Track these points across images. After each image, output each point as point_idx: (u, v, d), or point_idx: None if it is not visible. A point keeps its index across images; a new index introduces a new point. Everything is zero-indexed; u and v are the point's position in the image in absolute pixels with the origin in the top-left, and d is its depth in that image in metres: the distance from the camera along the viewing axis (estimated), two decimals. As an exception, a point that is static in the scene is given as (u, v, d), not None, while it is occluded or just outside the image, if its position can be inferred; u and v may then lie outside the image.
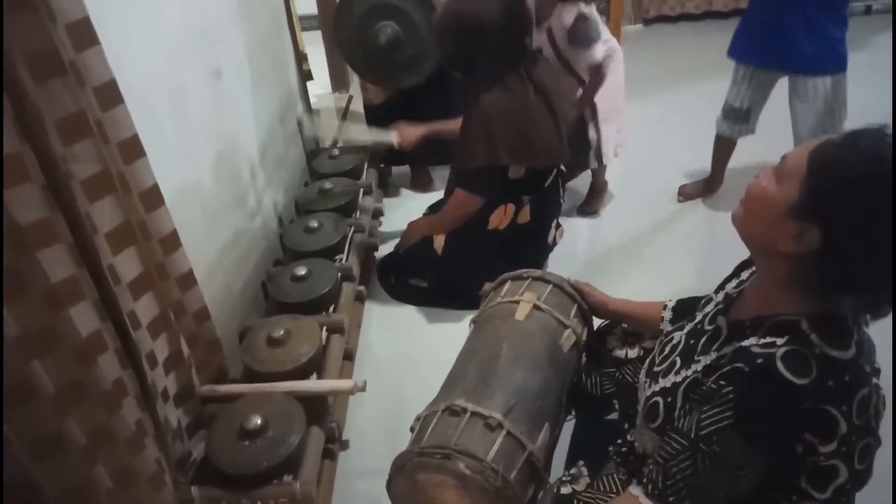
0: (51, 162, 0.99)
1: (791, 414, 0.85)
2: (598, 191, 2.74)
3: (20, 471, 0.90)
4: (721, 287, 1.20)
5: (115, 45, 1.16)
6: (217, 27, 1.94)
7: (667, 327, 1.34)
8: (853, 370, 0.88)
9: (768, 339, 0.89)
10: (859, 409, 0.87)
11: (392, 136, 2.40)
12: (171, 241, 1.35)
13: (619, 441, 1.26)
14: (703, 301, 1.21)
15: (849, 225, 0.83)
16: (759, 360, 0.87)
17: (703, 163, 2.74)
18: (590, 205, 2.74)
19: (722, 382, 0.90)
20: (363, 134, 2.52)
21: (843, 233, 0.84)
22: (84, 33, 1.07)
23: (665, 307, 1.40)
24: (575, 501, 1.17)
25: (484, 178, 2.03)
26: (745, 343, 0.92)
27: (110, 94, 1.15)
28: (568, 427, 1.46)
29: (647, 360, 1.21)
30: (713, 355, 1.00)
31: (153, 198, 1.28)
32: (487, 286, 1.63)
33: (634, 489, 1.00)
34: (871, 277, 0.85)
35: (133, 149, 1.22)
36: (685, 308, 1.33)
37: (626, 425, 1.32)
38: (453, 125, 2.22)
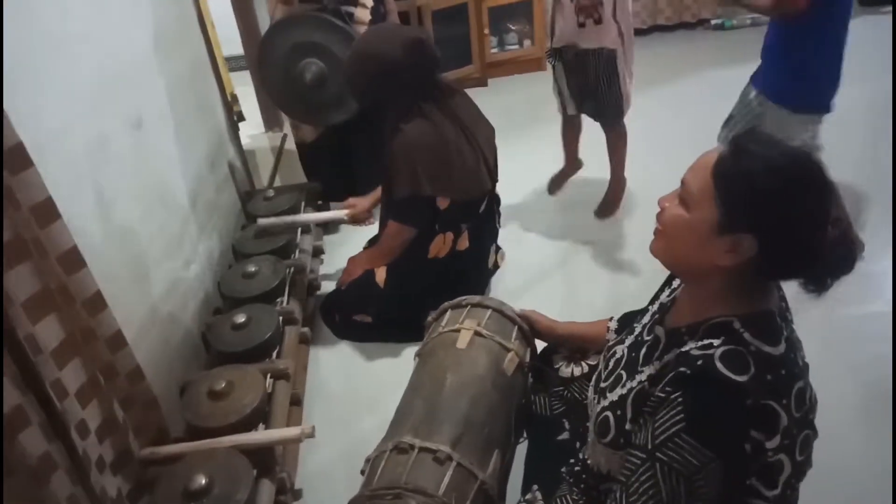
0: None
1: (736, 411, 0.87)
2: (618, 190, 2.73)
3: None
4: (655, 297, 1.23)
5: (26, 103, 1.13)
6: (135, 74, 1.89)
7: (612, 339, 1.37)
8: (787, 364, 0.91)
9: (705, 342, 0.92)
10: (797, 401, 0.91)
11: (342, 213, 2.43)
12: (96, 303, 1.30)
13: (572, 461, 1.27)
14: (640, 313, 1.24)
15: (779, 221, 0.88)
16: (699, 362, 0.90)
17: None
18: (609, 206, 2.72)
19: (668, 389, 0.92)
20: (312, 217, 2.54)
21: (776, 230, 0.88)
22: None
23: (610, 322, 1.43)
24: (531, 527, 1.17)
25: (412, 208, 2.05)
26: (685, 348, 0.95)
27: (19, 158, 1.11)
28: (522, 450, 1.46)
29: (594, 377, 1.23)
30: (656, 364, 1.02)
31: (73, 260, 1.24)
32: (430, 317, 1.63)
33: None
34: (811, 258, 0.90)
35: (47, 212, 1.18)
36: (628, 321, 1.36)
37: (578, 444, 1.32)
38: None
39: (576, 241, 2.68)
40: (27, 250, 1.11)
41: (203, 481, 1.34)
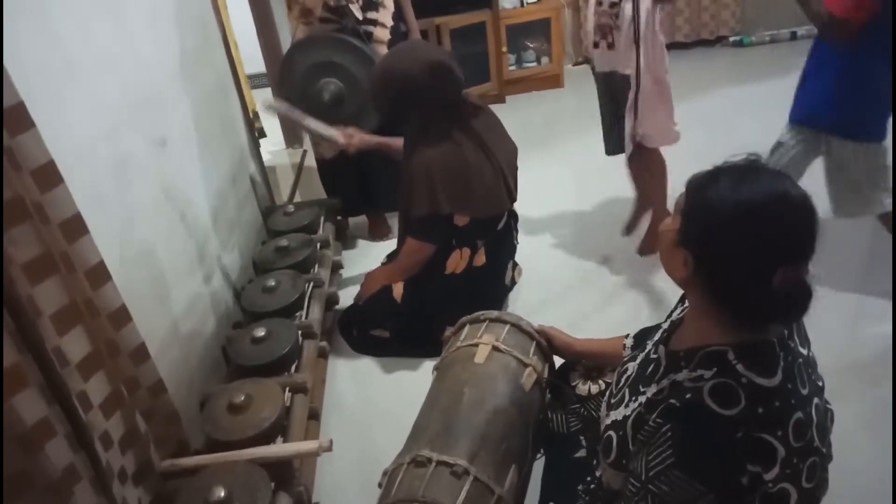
0: (-13, 249, 0.98)
1: (726, 445, 0.86)
2: (656, 225, 2.53)
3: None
4: (670, 314, 1.23)
5: (53, 123, 1.16)
6: (159, 94, 1.95)
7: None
8: (783, 395, 0.90)
9: (697, 373, 0.93)
10: (795, 432, 0.89)
11: (337, 137, 2.30)
12: (121, 316, 1.33)
13: (588, 479, 1.27)
14: (655, 329, 1.24)
15: (709, 250, 0.90)
16: (689, 395, 0.90)
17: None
18: (648, 242, 2.59)
19: (659, 420, 0.92)
20: (312, 123, 2.36)
21: (706, 257, 0.90)
22: (19, 118, 1.08)
23: (626, 339, 1.42)
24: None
25: (430, 226, 2.06)
26: (678, 377, 0.95)
27: (49, 176, 1.14)
28: (539, 467, 1.46)
29: (607, 394, 1.23)
30: (653, 388, 1.02)
31: (99, 274, 1.27)
32: (448, 332, 1.64)
33: None
34: (739, 297, 0.90)
35: (75, 227, 1.21)
36: (643, 338, 1.36)
37: (595, 461, 1.32)
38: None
39: (593, 258, 2.68)
40: (56, 265, 1.14)
41: (222, 494, 1.35)
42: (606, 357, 1.49)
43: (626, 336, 1.43)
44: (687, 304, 1.15)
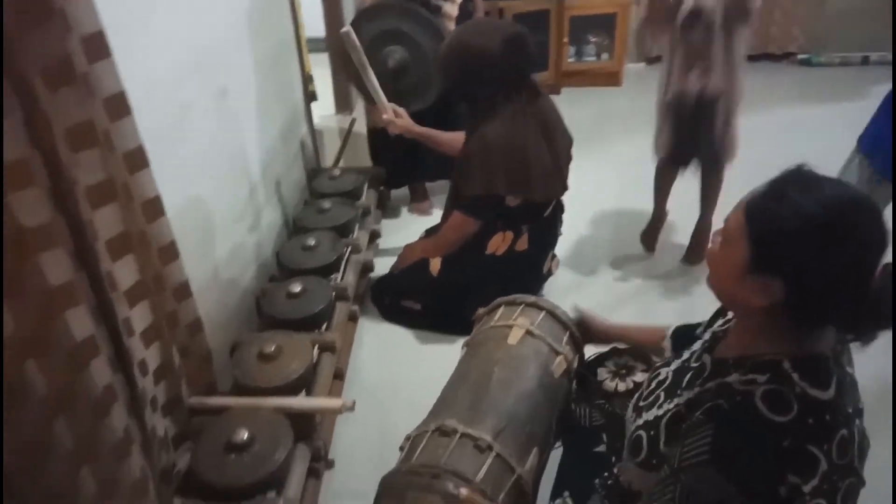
0: (57, 168, 1.01)
1: (770, 452, 0.85)
2: (706, 233, 2.53)
3: (3, 474, 0.90)
4: (708, 325, 1.21)
5: (125, 58, 1.18)
6: (225, 46, 1.97)
7: (668, 347, 1.37)
8: (833, 410, 0.88)
9: (750, 377, 0.91)
10: (839, 449, 0.87)
11: (387, 109, 2.28)
12: (170, 252, 1.37)
13: (606, 474, 1.27)
14: (697, 331, 1.23)
15: (806, 270, 0.85)
16: (738, 398, 0.89)
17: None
18: (698, 251, 2.55)
19: (701, 417, 0.91)
20: (370, 73, 2.28)
21: (803, 279, 0.85)
22: (97, 46, 1.10)
23: (664, 337, 1.41)
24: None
25: (481, 204, 2.06)
26: (728, 379, 0.94)
27: (119, 106, 1.17)
28: (555, 456, 1.46)
29: (636, 396, 1.22)
30: (696, 390, 1.01)
31: (154, 208, 1.30)
32: (481, 310, 1.64)
33: None
34: (843, 309, 0.87)
35: (138, 159, 1.24)
36: (684, 335, 1.34)
37: (614, 459, 1.32)
38: (449, 137, 2.25)
39: (629, 261, 2.65)
40: (116, 193, 1.16)
41: (246, 436, 1.38)
42: (641, 345, 1.48)
43: (665, 336, 1.42)
44: (731, 316, 1.14)
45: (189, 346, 1.49)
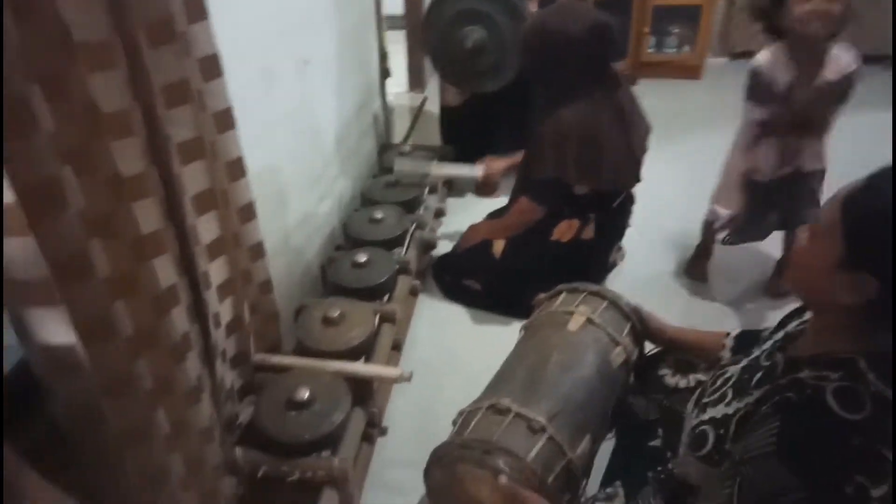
0: (153, 122, 1.06)
1: (838, 448, 0.83)
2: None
3: (92, 402, 0.96)
4: (782, 325, 1.18)
5: (218, 21, 1.23)
6: (311, 17, 2.02)
7: (728, 355, 1.33)
8: None
9: (823, 373, 0.89)
10: None
11: (477, 171, 2.47)
12: (248, 212, 1.42)
13: (660, 468, 1.25)
14: (763, 335, 1.20)
15: None
16: (809, 391, 0.87)
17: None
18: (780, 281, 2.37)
19: (769, 411, 0.90)
20: (448, 169, 2.58)
21: None
22: (197, 6, 1.15)
23: (727, 336, 1.38)
24: (609, 520, 1.17)
25: (549, 190, 2.04)
26: (800, 375, 0.92)
27: (213, 67, 1.22)
28: (607, 447, 1.45)
29: (698, 392, 1.20)
30: (768, 387, 0.99)
31: (237, 168, 1.35)
32: (541, 296, 1.64)
33: None
34: None
35: (226, 120, 1.29)
36: (748, 339, 1.32)
37: (669, 454, 1.30)
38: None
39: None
40: (204, 151, 1.22)
41: (307, 395, 1.43)
42: (698, 349, 1.45)
43: (727, 335, 1.39)
44: (808, 316, 1.11)
45: (259, 305, 1.55)
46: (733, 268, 2.55)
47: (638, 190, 2.22)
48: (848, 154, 2.39)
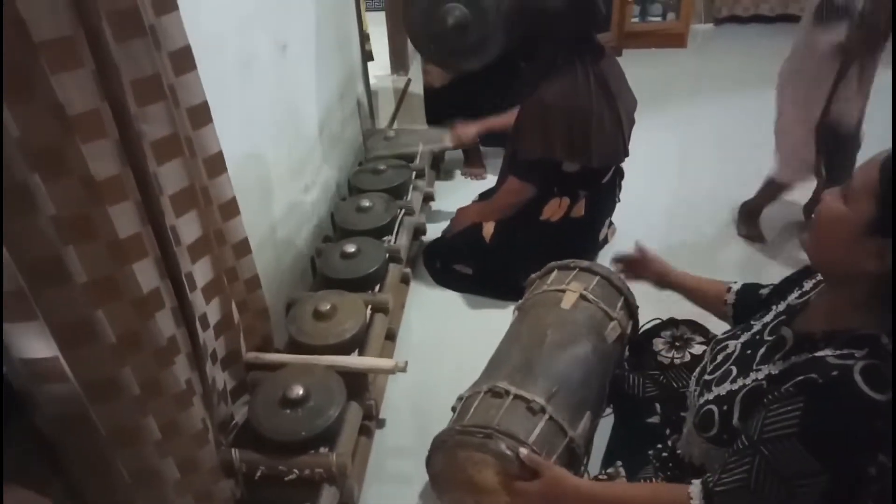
0: (125, 121, 1.02)
1: (865, 430, 0.82)
2: None
3: (79, 410, 0.94)
4: (780, 295, 1.16)
5: (189, 12, 1.18)
6: (286, 1, 1.96)
7: (730, 311, 1.32)
8: None
9: (846, 351, 0.87)
10: None
11: (446, 139, 2.49)
12: (231, 208, 1.39)
13: (660, 446, 1.24)
14: (762, 293, 1.20)
15: None
16: (835, 373, 0.85)
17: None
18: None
19: (791, 390, 0.88)
20: (418, 144, 2.61)
21: None
22: (165, -2, 1.10)
23: (729, 290, 1.35)
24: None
25: (537, 169, 2.02)
26: (820, 354, 0.90)
27: (184, 60, 1.18)
28: (606, 425, 1.45)
29: (698, 369, 1.19)
30: (779, 364, 0.97)
31: (217, 164, 1.32)
32: (533, 276, 1.62)
33: (693, 487, 0.98)
34: None
35: (202, 115, 1.25)
36: (748, 294, 1.30)
37: (668, 431, 1.30)
38: (506, 119, 2.21)
39: (688, 230, 2.57)
40: (181, 148, 1.18)
41: (301, 392, 1.41)
42: (700, 296, 1.41)
43: (728, 290, 1.35)
44: (808, 286, 1.09)
45: (247, 302, 1.52)
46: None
47: (626, 164, 2.20)
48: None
